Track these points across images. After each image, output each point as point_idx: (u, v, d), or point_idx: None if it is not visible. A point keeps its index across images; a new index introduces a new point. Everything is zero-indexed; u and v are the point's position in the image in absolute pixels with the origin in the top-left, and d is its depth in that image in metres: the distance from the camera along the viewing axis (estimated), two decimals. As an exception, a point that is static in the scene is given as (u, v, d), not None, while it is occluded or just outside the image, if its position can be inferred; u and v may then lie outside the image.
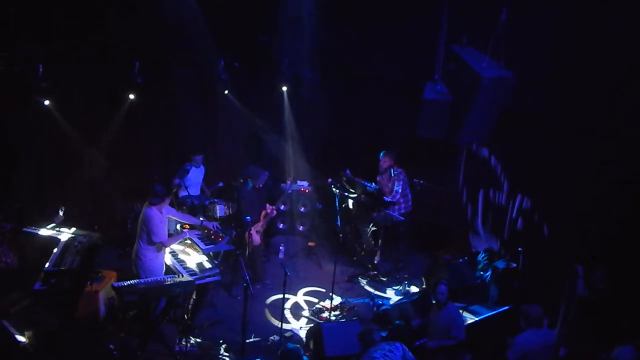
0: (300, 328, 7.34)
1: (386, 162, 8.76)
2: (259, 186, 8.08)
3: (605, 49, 6.32)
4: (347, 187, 9.21)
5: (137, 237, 6.52)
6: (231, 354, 6.55)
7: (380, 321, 7.40)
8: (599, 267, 6.66)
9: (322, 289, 8.23)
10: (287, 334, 7.04)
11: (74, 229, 7.07)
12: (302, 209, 9.80)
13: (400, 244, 9.12)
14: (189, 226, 7.25)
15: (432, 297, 6.58)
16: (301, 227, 9.84)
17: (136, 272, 6.47)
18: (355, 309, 7.72)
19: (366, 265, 9.01)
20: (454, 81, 6.66)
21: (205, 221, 7.21)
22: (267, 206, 8.18)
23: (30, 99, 8.07)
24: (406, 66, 8.53)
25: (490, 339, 6.61)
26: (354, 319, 7.33)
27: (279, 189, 9.50)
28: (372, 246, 9.18)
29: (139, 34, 8.39)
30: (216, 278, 6.68)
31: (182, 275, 6.44)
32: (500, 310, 7.33)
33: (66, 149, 8.68)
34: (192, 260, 6.85)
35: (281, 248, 9.26)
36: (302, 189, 9.79)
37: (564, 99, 7.02)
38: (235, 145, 10.81)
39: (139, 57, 8.64)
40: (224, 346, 6.65)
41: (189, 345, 6.42)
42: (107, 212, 9.10)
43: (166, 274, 6.54)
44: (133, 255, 6.59)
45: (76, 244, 6.80)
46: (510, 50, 6.12)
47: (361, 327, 6.49)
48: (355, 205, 9.38)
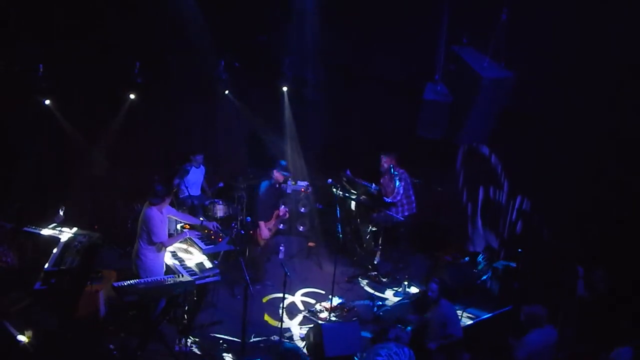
0: (300, 328, 7.34)
1: (387, 162, 8.75)
2: (278, 185, 8.14)
3: (606, 49, 6.33)
4: (347, 188, 9.21)
5: (137, 237, 6.52)
6: (231, 354, 6.55)
7: (380, 322, 7.41)
8: (599, 267, 6.68)
9: (320, 291, 8.22)
10: (287, 334, 7.04)
11: (75, 229, 7.08)
12: (302, 210, 9.80)
13: (401, 244, 9.13)
14: (189, 226, 7.25)
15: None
16: (301, 227, 9.84)
17: (136, 272, 6.46)
18: (355, 309, 7.72)
19: (366, 265, 9.01)
20: (454, 82, 6.65)
21: (206, 221, 7.21)
22: (282, 207, 8.21)
23: (31, 98, 8.07)
24: (406, 66, 8.53)
25: (490, 340, 6.62)
26: (354, 319, 7.33)
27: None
28: (372, 247, 9.18)
29: (139, 34, 8.39)
30: (216, 278, 6.67)
31: (182, 275, 6.44)
32: (500, 311, 7.33)
33: (66, 148, 8.68)
34: (192, 260, 6.85)
35: (281, 248, 9.26)
36: (302, 189, 9.79)
37: (564, 99, 7.02)
38: (236, 146, 10.81)
39: (139, 57, 8.65)
40: (224, 346, 6.65)
41: (189, 345, 6.42)
42: (108, 212, 9.09)
43: (166, 274, 6.54)
44: (133, 255, 6.59)
45: (76, 243, 6.81)
46: (510, 51, 6.12)
47: (361, 327, 6.49)
48: (356, 206, 9.38)
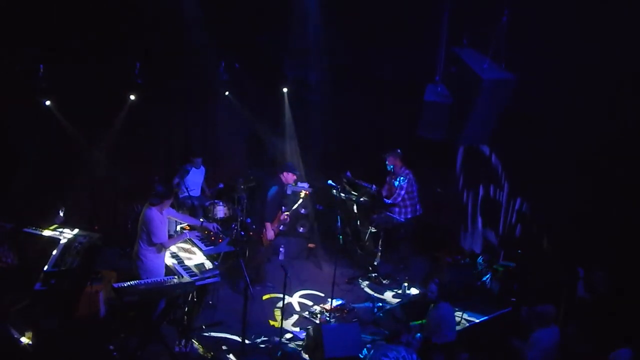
0: (297, 329, 7.35)
1: (391, 161, 8.77)
2: (285, 187, 8.15)
3: (606, 49, 6.34)
4: (347, 189, 9.22)
5: (137, 238, 6.52)
6: (231, 355, 6.55)
7: (380, 323, 7.41)
8: (599, 269, 6.68)
9: (319, 293, 8.20)
10: (287, 335, 7.04)
11: (77, 230, 7.09)
12: (302, 211, 9.79)
13: (401, 245, 9.13)
14: (189, 227, 7.25)
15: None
16: (301, 228, 9.83)
17: (136, 273, 6.45)
18: (355, 310, 7.72)
19: (366, 267, 9.01)
20: (454, 83, 6.66)
21: (206, 222, 7.20)
22: (284, 211, 8.22)
23: (31, 99, 8.07)
24: (407, 68, 8.54)
25: (490, 341, 6.62)
26: (354, 320, 7.32)
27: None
28: (372, 248, 9.18)
29: (139, 34, 8.40)
30: (216, 279, 6.67)
31: (182, 276, 6.44)
32: (500, 312, 7.33)
33: (67, 149, 8.68)
34: (192, 261, 6.84)
35: (281, 250, 9.25)
36: (302, 191, 9.78)
37: (564, 99, 7.03)
38: (236, 147, 10.81)
39: (140, 57, 8.65)
40: (223, 347, 6.64)
41: (189, 346, 6.42)
42: (108, 213, 9.09)
43: (166, 274, 6.53)
44: (133, 255, 6.58)
45: (76, 244, 6.82)
46: (510, 52, 6.13)
47: (361, 329, 6.49)
48: (356, 207, 9.38)
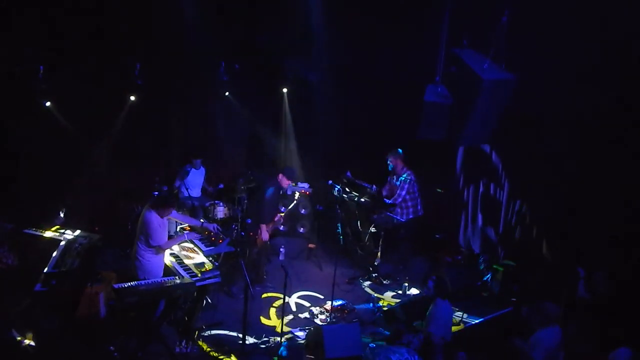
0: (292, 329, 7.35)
1: (392, 162, 8.78)
2: (281, 191, 8.16)
3: (606, 49, 6.34)
4: (347, 189, 9.22)
5: (135, 239, 6.53)
6: (231, 355, 6.55)
7: (381, 323, 7.41)
8: (600, 269, 6.67)
9: (317, 294, 8.19)
10: (287, 336, 7.04)
11: (78, 231, 7.10)
12: (302, 211, 9.79)
13: (401, 245, 9.13)
14: (189, 228, 7.25)
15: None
16: (302, 229, 9.83)
17: (134, 273, 6.45)
18: (356, 311, 7.72)
19: (367, 267, 9.01)
20: (454, 83, 6.66)
21: (206, 222, 7.21)
22: (282, 209, 8.23)
23: (31, 100, 8.08)
24: (407, 68, 8.54)
25: (491, 341, 6.61)
26: (354, 320, 7.33)
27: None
28: (373, 248, 9.18)
29: (139, 35, 8.40)
30: (217, 280, 6.68)
31: (183, 276, 6.45)
32: (500, 312, 7.32)
33: (67, 150, 8.68)
34: (192, 262, 6.85)
35: (282, 250, 9.25)
36: (302, 191, 9.78)
37: (564, 100, 7.03)
38: (236, 147, 10.82)
39: (140, 58, 8.65)
40: (224, 348, 6.65)
41: (189, 346, 6.42)
42: (108, 214, 9.10)
43: (167, 275, 6.54)
44: (131, 256, 6.59)
45: (76, 245, 6.83)
46: (510, 52, 6.13)
47: (362, 329, 6.48)
48: (356, 207, 9.38)
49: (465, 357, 5.51)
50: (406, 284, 8.42)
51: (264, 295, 8.06)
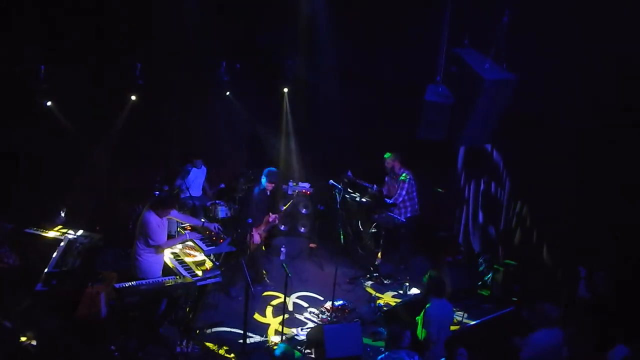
0: (301, 330, 7.36)
1: (389, 163, 8.81)
2: (268, 192, 8.10)
3: (607, 50, 6.33)
4: (348, 189, 9.23)
5: (135, 239, 6.54)
6: (232, 355, 6.55)
7: (382, 323, 7.41)
8: (600, 269, 6.67)
9: (316, 295, 8.19)
10: (288, 336, 7.05)
11: (81, 231, 7.10)
12: (303, 211, 9.80)
13: (402, 245, 9.14)
14: (190, 227, 7.26)
15: None
16: (302, 228, 9.84)
17: (134, 273, 6.47)
18: (357, 310, 7.72)
19: (367, 267, 9.01)
20: (455, 83, 6.64)
21: (207, 222, 7.22)
22: (270, 214, 8.19)
23: (32, 100, 8.08)
24: (408, 68, 8.54)
25: (491, 341, 6.61)
26: (355, 320, 7.33)
27: (280, 190, 9.53)
28: (373, 248, 9.18)
29: (140, 35, 8.40)
30: (217, 279, 6.68)
31: (184, 276, 6.45)
32: (501, 312, 7.32)
33: (68, 150, 8.69)
34: (193, 262, 6.86)
35: (282, 250, 9.26)
36: (303, 191, 9.79)
37: (565, 100, 7.03)
38: (237, 147, 10.82)
39: (141, 58, 8.65)
40: (225, 347, 6.65)
41: (190, 346, 6.42)
42: (109, 213, 9.10)
43: (168, 274, 6.55)
44: (131, 255, 6.61)
45: (77, 245, 6.84)
46: (511, 52, 6.12)
47: (363, 329, 6.47)
48: (357, 207, 9.38)
49: (465, 354, 5.48)
50: (407, 284, 8.42)
51: (264, 294, 8.08)
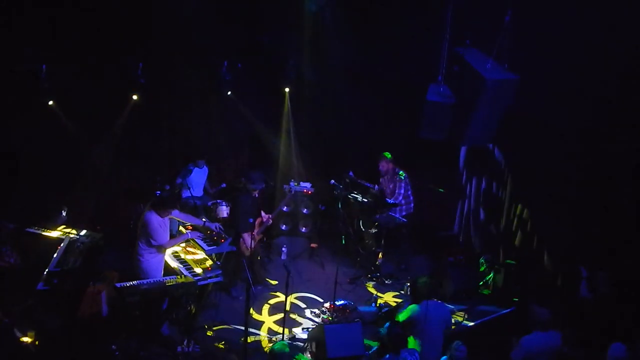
0: (300, 330, 7.37)
1: (383, 166, 8.89)
2: (255, 195, 8.09)
3: (609, 50, 6.33)
4: (349, 189, 9.23)
5: (136, 239, 6.54)
6: (233, 354, 6.56)
7: (382, 323, 7.41)
8: (601, 270, 6.67)
9: (315, 296, 8.18)
10: (289, 336, 7.05)
11: (84, 231, 7.11)
12: (304, 211, 9.80)
13: (403, 245, 9.13)
14: (191, 227, 7.26)
15: None
16: (304, 228, 9.83)
17: (135, 272, 6.49)
18: (358, 310, 7.71)
19: (369, 266, 9.01)
20: (457, 83, 6.64)
21: (208, 222, 7.22)
22: (263, 214, 8.18)
23: (34, 99, 8.09)
24: (409, 67, 8.53)
25: (492, 341, 6.60)
26: (356, 320, 7.32)
27: (280, 191, 9.54)
28: (374, 248, 9.18)
29: (142, 34, 8.41)
30: (218, 279, 6.68)
31: (185, 276, 6.46)
32: (501, 312, 7.32)
33: (69, 149, 8.69)
34: (194, 261, 6.86)
35: (284, 249, 9.26)
36: (304, 191, 9.79)
37: (566, 100, 7.02)
38: (238, 146, 10.82)
39: (142, 58, 8.66)
40: (225, 347, 6.65)
41: (190, 346, 6.43)
42: (110, 213, 9.11)
43: (169, 274, 6.55)
44: (133, 255, 6.61)
45: (79, 244, 6.85)
46: (513, 52, 6.11)
47: (364, 329, 6.46)
48: (358, 207, 9.38)
49: (465, 350, 5.46)
50: (408, 284, 8.41)
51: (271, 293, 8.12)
